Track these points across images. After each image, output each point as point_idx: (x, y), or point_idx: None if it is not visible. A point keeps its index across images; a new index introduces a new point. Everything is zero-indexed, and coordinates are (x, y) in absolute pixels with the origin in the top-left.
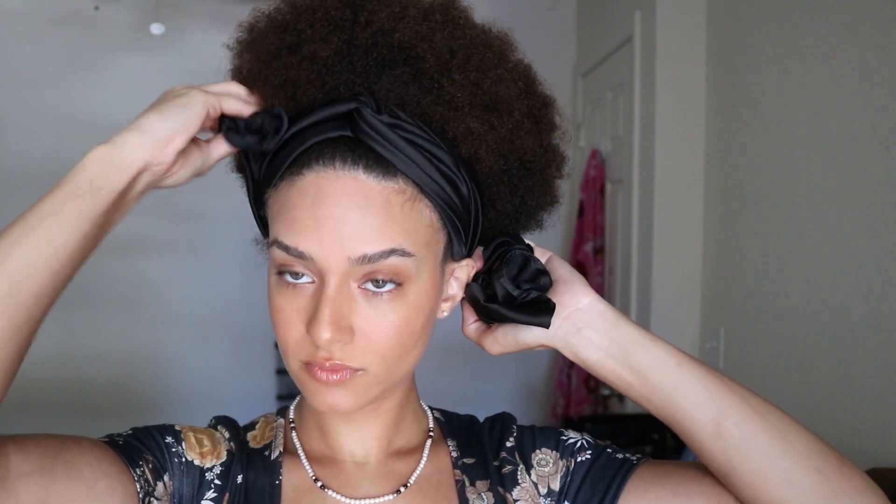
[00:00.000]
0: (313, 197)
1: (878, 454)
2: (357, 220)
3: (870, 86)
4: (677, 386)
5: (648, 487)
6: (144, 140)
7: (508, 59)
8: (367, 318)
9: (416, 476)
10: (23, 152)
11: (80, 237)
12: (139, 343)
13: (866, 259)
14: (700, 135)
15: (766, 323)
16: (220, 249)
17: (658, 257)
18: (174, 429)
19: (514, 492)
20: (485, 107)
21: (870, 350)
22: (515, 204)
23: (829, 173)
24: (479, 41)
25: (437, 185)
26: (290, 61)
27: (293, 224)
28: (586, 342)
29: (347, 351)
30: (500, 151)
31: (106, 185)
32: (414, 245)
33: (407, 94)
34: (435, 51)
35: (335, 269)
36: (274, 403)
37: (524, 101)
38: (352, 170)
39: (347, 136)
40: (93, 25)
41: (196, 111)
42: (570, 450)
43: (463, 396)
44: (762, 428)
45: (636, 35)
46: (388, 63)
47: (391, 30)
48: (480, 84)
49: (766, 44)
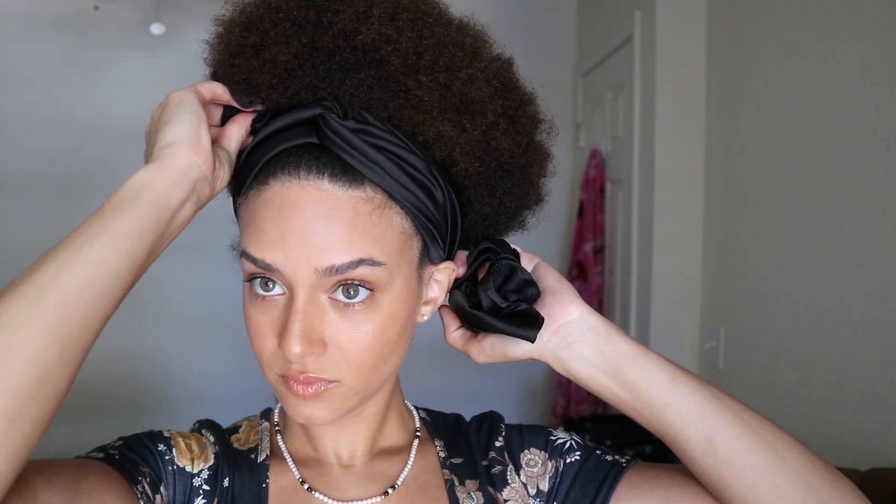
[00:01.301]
0: (278, 208)
1: (878, 454)
2: (323, 231)
3: (870, 86)
4: (670, 401)
5: (638, 493)
6: (182, 145)
7: (481, 56)
8: (339, 329)
9: (404, 477)
10: (23, 152)
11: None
12: (139, 343)
13: (866, 259)
14: (700, 135)
15: (766, 323)
16: (220, 249)
17: (658, 257)
18: (163, 435)
19: (503, 492)
20: (455, 109)
21: (870, 350)
22: (494, 206)
23: (829, 173)
24: (450, 40)
25: (408, 191)
26: (253, 63)
27: (260, 236)
28: (577, 357)
29: (321, 363)
30: (476, 153)
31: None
32: (384, 254)
33: (373, 98)
34: (400, 52)
35: (303, 281)
36: (274, 403)
37: (498, 100)
38: (317, 179)
39: (313, 142)
40: (93, 25)
41: (191, 100)
42: (559, 451)
43: (462, 397)
44: (754, 444)
45: (636, 35)
46: (351, 66)
47: (354, 31)
48: (450, 86)
49: (766, 44)
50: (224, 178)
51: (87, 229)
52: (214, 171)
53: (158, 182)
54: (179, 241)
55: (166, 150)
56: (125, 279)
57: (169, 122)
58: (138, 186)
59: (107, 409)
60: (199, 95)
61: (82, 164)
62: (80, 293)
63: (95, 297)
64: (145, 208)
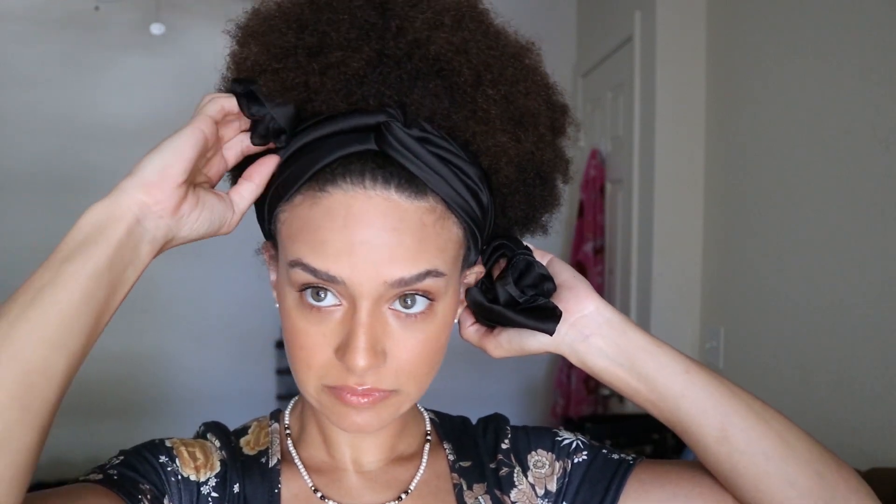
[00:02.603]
0: (344, 218)
1: (878, 454)
2: (393, 244)
3: (870, 86)
4: (684, 392)
5: (647, 489)
6: (136, 181)
7: (535, 69)
8: (398, 339)
9: (417, 482)
10: (23, 152)
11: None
12: (139, 343)
13: (866, 259)
14: (700, 135)
15: (766, 323)
16: (220, 250)
17: (658, 257)
18: (165, 445)
19: (511, 494)
20: (513, 121)
21: (870, 350)
22: (526, 211)
23: (828, 173)
24: (510, 52)
25: (464, 199)
26: (311, 66)
27: (322, 247)
28: (593, 350)
29: (380, 375)
30: (520, 163)
31: (102, 238)
32: (445, 264)
33: (438, 108)
34: (471, 64)
35: (368, 294)
36: (274, 403)
37: (549, 113)
38: (384, 189)
39: (372, 150)
40: (93, 25)
41: (187, 135)
42: (566, 451)
43: (462, 397)
44: (766, 433)
45: (636, 35)
46: (421, 75)
47: (426, 40)
48: (511, 99)
49: (766, 44)
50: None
51: (39, 278)
52: (179, 213)
53: (106, 220)
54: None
55: (127, 181)
56: (85, 324)
57: (153, 152)
58: (86, 228)
59: (107, 409)
60: (200, 128)
61: (82, 164)
62: (36, 344)
63: (55, 345)
64: (96, 249)
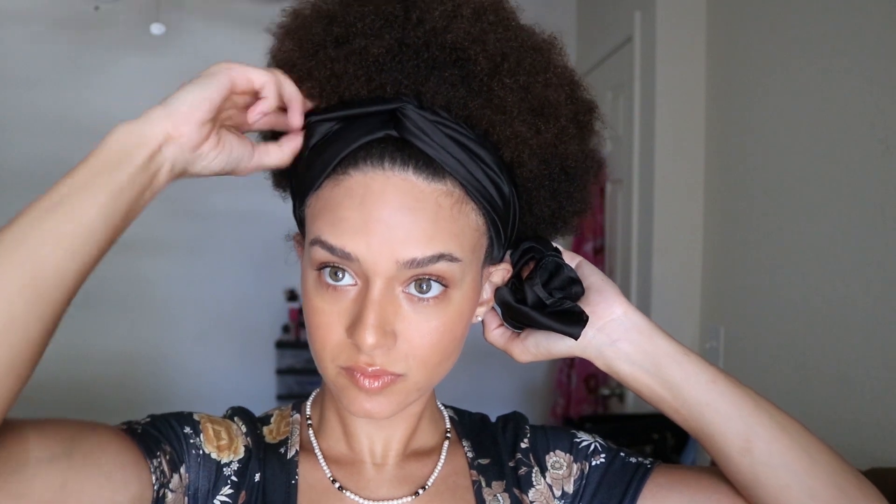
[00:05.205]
0: (362, 197)
1: (878, 454)
2: (408, 223)
3: (870, 86)
4: (709, 401)
5: (665, 494)
6: (166, 112)
7: (556, 63)
8: (410, 323)
9: (434, 478)
10: (23, 152)
11: (106, 215)
12: (139, 343)
13: (866, 259)
14: (700, 135)
15: (766, 322)
16: (220, 249)
17: (658, 257)
18: (192, 418)
19: (529, 493)
20: (532, 111)
21: (870, 350)
22: (553, 209)
23: (828, 173)
24: (530, 44)
25: (483, 186)
26: (337, 54)
27: (339, 224)
28: (620, 355)
29: (390, 356)
30: (543, 156)
31: (126, 159)
32: (461, 250)
33: (454, 96)
34: (487, 53)
35: (382, 272)
36: (274, 403)
37: (571, 105)
38: (402, 170)
39: (393, 135)
40: (93, 25)
41: (218, 80)
42: (584, 453)
43: (462, 397)
44: (790, 446)
45: (636, 35)
46: (438, 64)
47: (444, 29)
48: (530, 88)
49: (766, 44)
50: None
51: (64, 187)
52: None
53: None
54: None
55: (157, 109)
56: (100, 237)
57: (184, 88)
58: (114, 147)
59: (107, 409)
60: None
61: None
62: (52, 247)
63: (69, 252)
64: (119, 169)
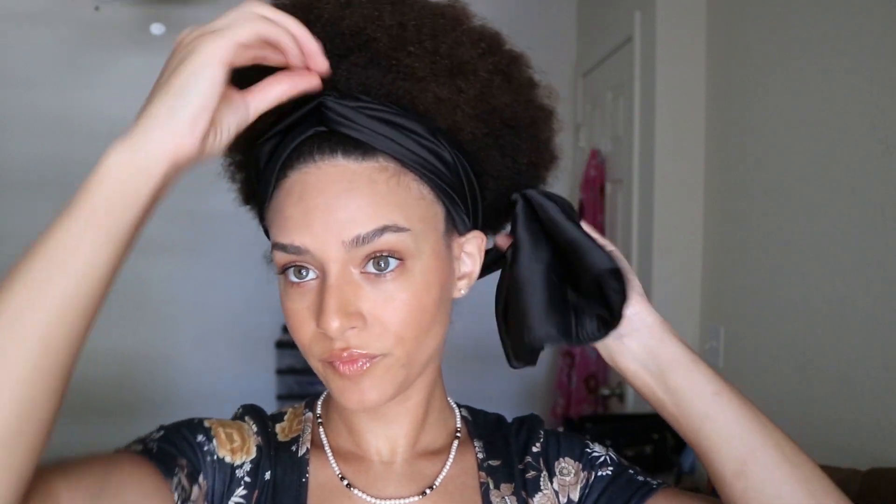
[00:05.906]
0: (300, 193)
1: (878, 454)
2: (346, 204)
3: (870, 86)
4: (710, 414)
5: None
6: (166, 131)
7: (463, 23)
8: (375, 301)
9: (442, 478)
10: (23, 152)
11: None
12: (139, 343)
13: (866, 259)
14: (700, 135)
15: (766, 322)
16: (220, 250)
17: (658, 257)
18: (204, 425)
19: (535, 497)
20: (448, 72)
21: (870, 349)
22: (507, 165)
23: (828, 173)
24: (429, 10)
25: (418, 156)
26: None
27: (286, 223)
28: (625, 350)
29: (364, 338)
30: (477, 114)
31: (130, 200)
32: (407, 220)
33: (368, 78)
34: (385, 28)
35: (332, 257)
36: (274, 403)
37: (489, 58)
38: (331, 158)
39: (321, 130)
40: (93, 25)
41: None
42: (593, 463)
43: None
44: (790, 476)
45: (636, 35)
46: (342, 52)
47: (339, 18)
48: (438, 50)
49: (766, 44)
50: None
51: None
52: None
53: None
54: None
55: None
56: (109, 279)
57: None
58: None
59: (106, 409)
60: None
61: (82, 164)
62: (64, 311)
63: (80, 310)
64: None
